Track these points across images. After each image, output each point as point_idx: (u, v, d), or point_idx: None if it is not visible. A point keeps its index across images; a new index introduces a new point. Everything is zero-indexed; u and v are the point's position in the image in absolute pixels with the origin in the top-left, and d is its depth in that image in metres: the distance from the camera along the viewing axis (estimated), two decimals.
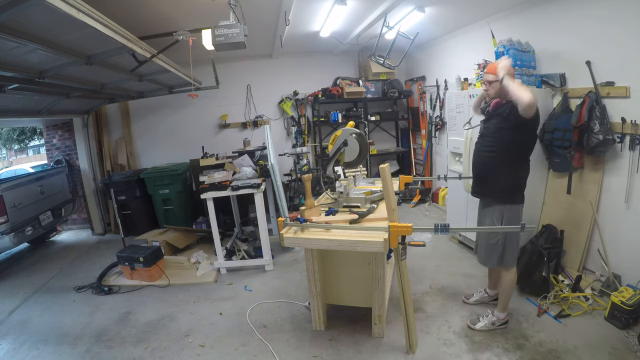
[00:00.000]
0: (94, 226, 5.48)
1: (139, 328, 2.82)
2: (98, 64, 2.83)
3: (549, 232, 2.97)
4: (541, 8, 3.17)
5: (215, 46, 2.65)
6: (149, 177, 4.79)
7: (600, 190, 2.79)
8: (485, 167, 2.36)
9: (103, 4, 2.08)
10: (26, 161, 14.38)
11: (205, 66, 4.60)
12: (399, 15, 3.65)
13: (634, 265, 2.56)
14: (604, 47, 2.66)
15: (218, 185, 3.56)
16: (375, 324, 2.44)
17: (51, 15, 1.73)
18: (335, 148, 2.72)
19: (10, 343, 2.74)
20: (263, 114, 5.84)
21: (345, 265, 2.48)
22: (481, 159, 2.39)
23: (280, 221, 2.25)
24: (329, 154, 2.78)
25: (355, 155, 2.72)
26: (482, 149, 2.38)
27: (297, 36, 4.51)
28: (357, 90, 5.53)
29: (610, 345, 2.19)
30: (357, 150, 2.69)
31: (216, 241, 3.56)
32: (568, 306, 2.58)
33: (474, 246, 2.81)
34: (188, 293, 3.33)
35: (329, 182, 2.81)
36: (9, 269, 4.27)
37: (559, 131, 2.95)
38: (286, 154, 4.83)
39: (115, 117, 5.60)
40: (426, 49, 5.34)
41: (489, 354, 2.23)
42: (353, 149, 2.69)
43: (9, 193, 3.94)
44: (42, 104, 4.14)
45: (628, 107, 2.53)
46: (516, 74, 3.13)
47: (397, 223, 1.98)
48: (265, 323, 2.73)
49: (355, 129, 2.76)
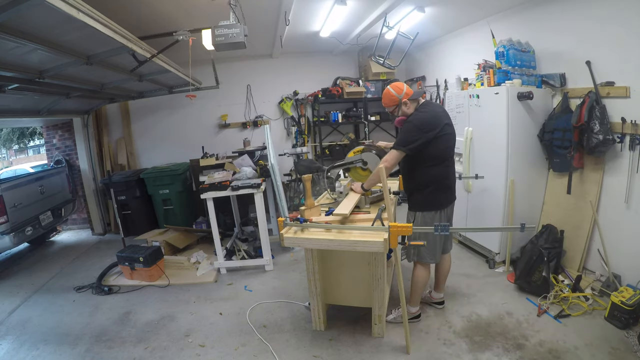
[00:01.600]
0: (94, 226, 5.48)
1: (139, 328, 2.82)
2: (98, 64, 2.83)
3: (549, 232, 2.97)
4: (541, 8, 3.17)
5: (215, 46, 2.65)
6: (149, 177, 4.79)
7: (600, 190, 2.79)
8: None
9: (103, 4, 2.07)
10: (26, 161, 14.38)
11: (205, 66, 4.59)
12: (399, 15, 3.65)
13: (634, 265, 2.56)
14: (604, 47, 2.66)
15: (218, 185, 3.56)
16: (375, 324, 2.44)
17: (51, 15, 1.73)
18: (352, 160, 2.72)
19: (10, 343, 2.74)
20: (263, 114, 5.85)
21: (345, 265, 2.48)
22: None
23: (280, 221, 2.25)
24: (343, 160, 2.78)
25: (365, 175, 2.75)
26: None
27: (297, 36, 4.51)
28: (357, 90, 5.53)
29: (610, 345, 2.19)
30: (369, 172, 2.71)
31: (216, 241, 3.56)
32: (568, 306, 2.58)
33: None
34: (188, 293, 3.33)
35: (329, 183, 2.81)
36: (9, 269, 4.27)
37: (559, 131, 2.95)
38: (286, 154, 4.84)
39: (115, 117, 5.60)
40: (426, 49, 5.34)
41: (489, 354, 2.23)
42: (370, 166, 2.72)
43: (9, 193, 3.94)
44: (42, 104, 4.14)
45: (628, 107, 2.53)
46: (516, 74, 3.15)
47: (397, 223, 1.98)
48: (265, 323, 2.73)
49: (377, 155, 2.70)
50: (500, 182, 3.15)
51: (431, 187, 2.34)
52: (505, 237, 3.24)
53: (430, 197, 2.36)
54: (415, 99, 2.36)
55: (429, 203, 2.37)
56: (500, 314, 2.62)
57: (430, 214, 2.37)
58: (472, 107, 3.42)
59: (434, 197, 2.36)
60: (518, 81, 3.06)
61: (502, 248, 3.27)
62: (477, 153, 3.42)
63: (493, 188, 3.24)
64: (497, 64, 3.24)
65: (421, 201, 2.39)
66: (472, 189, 3.51)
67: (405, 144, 2.24)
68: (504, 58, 3.17)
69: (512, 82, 3.03)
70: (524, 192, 3.18)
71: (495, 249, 3.30)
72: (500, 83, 3.12)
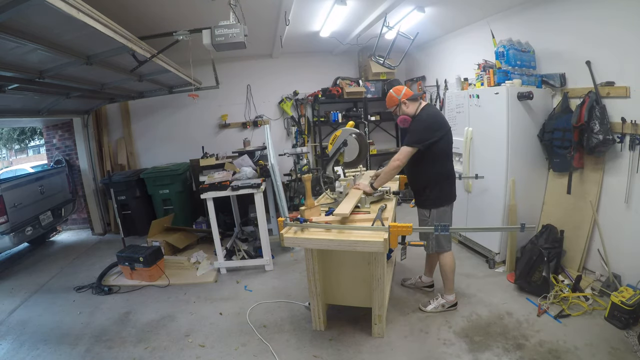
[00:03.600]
0: (94, 226, 5.48)
1: (139, 328, 2.82)
2: (98, 64, 2.83)
3: (549, 232, 2.97)
4: (541, 8, 3.17)
5: (215, 46, 2.65)
6: (149, 177, 4.79)
7: (600, 190, 2.80)
8: None
9: (103, 4, 2.07)
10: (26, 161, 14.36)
11: (205, 66, 4.59)
12: (399, 15, 3.65)
13: (634, 265, 2.56)
14: (604, 47, 2.66)
15: (218, 185, 3.56)
16: (375, 324, 2.44)
17: (51, 15, 1.73)
18: (335, 148, 2.73)
19: (10, 343, 2.74)
20: (263, 114, 5.85)
21: (345, 265, 2.48)
22: None
23: (280, 221, 2.25)
24: (328, 154, 2.79)
25: (355, 155, 2.72)
26: None
27: (297, 36, 4.51)
28: (357, 90, 5.53)
29: (610, 345, 2.19)
30: (357, 150, 2.70)
31: (216, 241, 3.56)
32: (568, 306, 2.58)
33: None
34: (188, 293, 3.33)
35: (328, 182, 2.81)
36: (9, 269, 4.27)
37: (559, 131, 2.95)
38: (286, 154, 4.83)
39: (115, 117, 5.60)
40: (426, 49, 5.34)
41: (489, 354, 2.23)
42: (353, 149, 2.70)
43: (9, 193, 3.94)
44: (42, 104, 4.14)
45: (628, 107, 2.53)
46: (516, 74, 3.15)
47: (397, 223, 1.98)
48: (265, 323, 2.73)
49: (355, 129, 2.77)
50: (500, 182, 3.15)
51: (442, 182, 2.54)
52: (505, 237, 3.24)
53: (443, 192, 2.55)
54: (414, 99, 2.56)
55: (443, 198, 2.56)
56: (500, 314, 2.62)
57: (443, 209, 2.56)
58: (472, 107, 3.42)
59: (445, 191, 2.56)
60: (518, 81, 3.06)
61: (502, 248, 3.27)
62: (477, 153, 3.42)
63: (493, 188, 3.24)
64: (497, 64, 3.24)
65: (435, 197, 2.55)
66: (472, 189, 3.51)
67: (419, 141, 2.43)
68: (504, 58, 3.17)
69: (512, 82, 3.04)
70: (523, 192, 3.17)
71: (495, 249, 3.30)
72: (500, 83, 3.12)
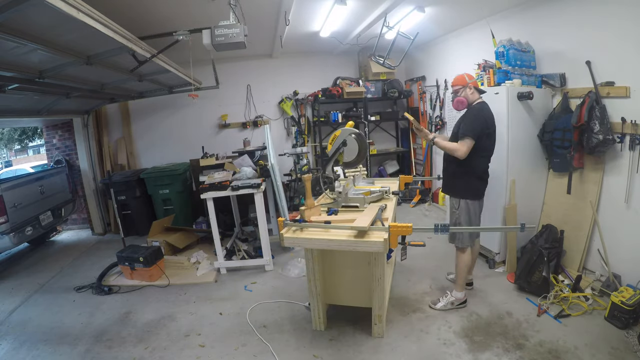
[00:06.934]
0: (94, 226, 5.48)
1: (139, 328, 2.82)
2: (98, 64, 2.83)
3: (549, 232, 2.97)
4: (541, 8, 3.17)
5: (215, 46, 2.65)
6: (149, 177, 4.79)
7: (600, 190, 2.80)
8: None
9: (103, 4, 2.07)
10: (26, 161, 14.36)
11: (205, 66, 4.59)
12: (399, 15, 3.65)
13: (634, 265, 2.56)
14: (604, 47, 2.66)
15: (218, 185, 3.56)
16: (375, 324, 2.44)
17: (51, 15, 1.73)
18: (334, 148, 2.73)
19: (10, 343, 2.74)
20: (263, 114, 5.84)
21: (345, 265, 2.48)
22: None
23: (280, 221, 2.25)
24: (328, 153, 2.79)
25: (355, 155, 2.72)
26: None
27: (297, 36, 4.51)
28: (357, 90, 5.53)
29: (610, 345, 2.19)
30: (356, 150, 2.69)
31: (216, 241, 3.56)
32: (568, 306, 2.58)
33: None
34: (188, 293, 3.33)
35: (328, 182, 2.81)
36: (9, 269, 4.27)
37: (559, 131, 2.95)
38: (286, 154, 4.83)
39: (115, 117, 5.60)
40: (426, 49, 5.34)
41: (489, 354, 2.23)
42: (352, 149, 2.69)
43: (9, 193, 3.93)
44: (42, 104, 4.13)
45: (628, 107, 2.53)
46: (516, 74, 3.15)
47: (397, 223, 1.98)
48: (265, 323, 2.73)
49: (355, 129, 2.76)
50: (500, 182, 3.14)
51: (477, 176, 2.60)
52: (505, 237, 3.23)
53: (470, 185, 2.62)
54: (479, 91, 2.65)
55: (475, 191, 2.63)
56: (500, 314, 2.62)
57: (474, 203, 2.63)
58: None
59: (473, 185, 2.62)
60: (518, 81, 3.06)
61: (502, 248, 3.27)
62: None
63: (493, 188, 3.23)
64: (497, 64, 3.24)
65: (467, 188, 2.62)
66: None
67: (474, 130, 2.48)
68: (504, 58, 3.17)
69: (512, 82, 3.04)
70: (523, 192, 3.17)
71: (495, 249, 3.30)
72: (500, 83, 3.12)
